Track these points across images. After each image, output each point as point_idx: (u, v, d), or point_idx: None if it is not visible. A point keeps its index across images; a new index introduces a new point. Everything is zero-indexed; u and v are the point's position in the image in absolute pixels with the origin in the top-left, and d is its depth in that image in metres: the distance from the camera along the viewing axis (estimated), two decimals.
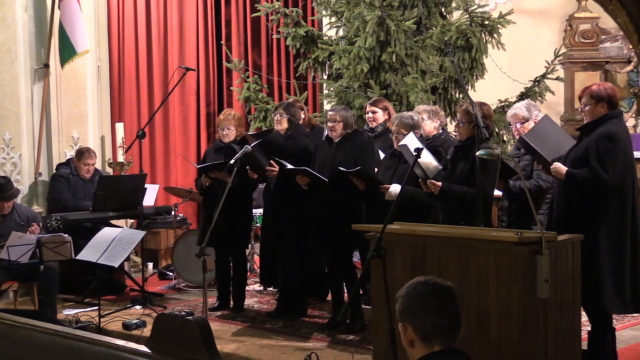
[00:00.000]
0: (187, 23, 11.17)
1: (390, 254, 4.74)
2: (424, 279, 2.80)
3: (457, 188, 5.72)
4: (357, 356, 5.49)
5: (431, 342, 2.69)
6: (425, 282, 2.78)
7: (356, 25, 8.80)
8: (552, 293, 4.45)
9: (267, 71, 11.21)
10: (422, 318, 2.71)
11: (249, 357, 5.75)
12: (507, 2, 11.86)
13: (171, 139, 11.11)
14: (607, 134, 5.33)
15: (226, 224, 6.98)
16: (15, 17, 8.85)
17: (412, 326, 2.73)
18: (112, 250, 7.01)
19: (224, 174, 6.91)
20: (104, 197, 8.22)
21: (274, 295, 7.87)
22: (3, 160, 8.81)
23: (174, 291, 8.61)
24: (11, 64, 8.82)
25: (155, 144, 10.97)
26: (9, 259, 6.93)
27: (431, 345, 2.69)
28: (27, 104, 9.00)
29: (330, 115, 6.75)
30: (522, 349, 4.44)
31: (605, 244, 5.32)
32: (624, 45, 12.33)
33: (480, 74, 9.05)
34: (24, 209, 7.81)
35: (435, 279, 2.81)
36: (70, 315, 7.34)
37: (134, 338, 6.34)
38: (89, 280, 8.01)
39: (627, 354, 5.83)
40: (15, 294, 7.72)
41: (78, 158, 8.68)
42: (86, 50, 9.21)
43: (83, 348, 3.26)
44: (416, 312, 2.73)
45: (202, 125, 11.35)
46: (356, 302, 6.62)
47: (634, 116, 11.89)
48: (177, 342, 2.95)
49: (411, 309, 2.74)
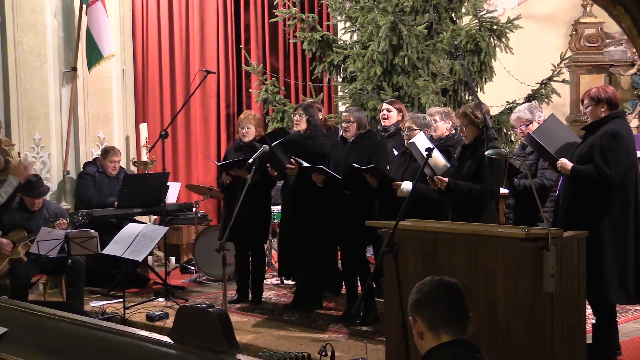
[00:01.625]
0: (208, 28, 11.18)
1: (402, 249, 4.75)
2: (434, 277, 2.85)
3: (462, 184, 5.71)
4: (371, 347, 5.48)
5: (439, 333, 2.70)
6: (432, 278, 2.83)
7: (370, 30, 8.79)
8: (557, 287, 4.43)
9: (284, 74, 11.20)
10: (429, 308, 2.75)
11: (266, 348, 5.74)
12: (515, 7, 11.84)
13: (192, 139, 11.11)
14: (611, 133, 5.37)
15: (245, 220, 6.99)
16: (45, 22, 8.88)
17: (420, 317, 2.75)
18: (136, 245, 7.02)
19: (244, 171, 6.93)
20: (128, 194, 8.25)
21: (291, 289, 7.87)
22: (33, 158, 8.85)
23: (195, 284, 8.62)
24: (41, 67, 8.86)
25: (178, 144, 10.98)
26: (39, 253, 6.97)
27: (439, 335, 2.70)
28: (55, 105, 9.04)
29: (345, 116, 6.75)
30: (529, 341, 4.43)
31: (609, 238, 5.33)
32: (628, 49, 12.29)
33: (489, 76, 9.02)
34: (53, 206, 7.84)
35: (444, 277, 2.85)
36: (97, 307, 7.36)
37: (157, 329, 6.35)
38: (114, 273, 8.03)
39: (630, 346, 5.79)
40: (44, 287, 7.78)
41: (104, 156, 8.72)
42: (112, 55, 9.24)
43: (108, 338, 3.27)
44: (424, 303, 2.77)
45: (222, 126, 11.35)
46: (369, 295, 6.61)
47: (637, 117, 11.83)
48: (198, 333, 2.95)
49: (420, 301, 2.78)
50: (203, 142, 11.15)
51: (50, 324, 3.59)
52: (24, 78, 8.71)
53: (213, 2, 11.18)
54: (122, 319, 6.88)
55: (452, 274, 4.46)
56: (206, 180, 10.67)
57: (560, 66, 9.21)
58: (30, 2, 8.76)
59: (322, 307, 7.15)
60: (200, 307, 3.00)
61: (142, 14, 10.60)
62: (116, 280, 7.87)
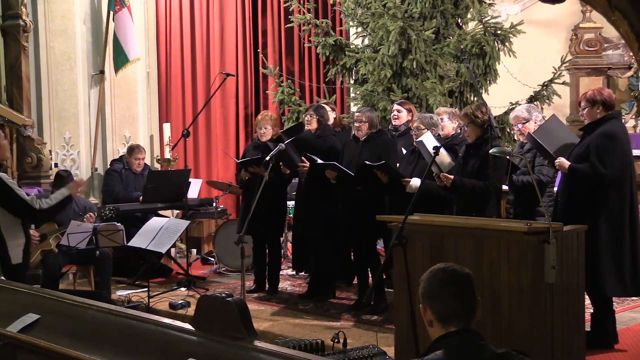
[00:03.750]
0: (227, 33, 11.18)
1: (410, 242, 4.74)
2: (445, 265, 2.79)
3: (467, 181, 5.71)
4: (381, 335, 5.47)
5: (447, 324, 2.69)
6: (444, 269, 2.76)
7: (380, 34, 8.77)
8: (558, 278, 4.42)
9: (299, 76, 11.19)
10: (440, 302, 2.71)
11: (282, 335, 5.74)
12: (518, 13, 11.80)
13: (213, 138, 11.12)
14: (606, 133, 5.38)
15: (263, 215, 6.99)
16: (74, 29, 8.92)
17: (430, 308, 2.72)
18: (160, 238, 7.03)
19: (261, 168, 6.94)
20: (152, 190, 8.27)
21: (305, 279, 7.87)
22: (63, 156, 8.90)
23: (215, 275, 8.63)
24: (71, 70, 8.90)
25: (199, 142, 10.99)
26: (69, 245, 7.00)
27: (447, 326, 2.69)
28: (84, 106, 9.07)
29: (357, 117, 6.75)
30: (531, 329, 4.41)
31: (606, 233, 5.33)
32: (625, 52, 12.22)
33: (493, 79, 8.98)
34: (82, 200, 7.87)
35: (455, 266, 2.78)
36: (123, 296, 7.38)
37: (179, 317, 6.37)
38: (139, 264, 8.05)
39: (626, 334, 5.78)
40: (74, 277, 7.81)
41: (129, 153, 8.74)
42: (137, 58, 9.27)
43: (134, 325, 3.28)
44: (435, 296, 2.73)
45: (241, 126, 11.35)
46: (380, 285, 6.61)
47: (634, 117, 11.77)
48: (218, 321, 2.96)
49: (431, 292, 2.74)
50: (223, 140, 11.16)
51: (79, 311, 3.60)
52: (55, 80, 8.75)
53: (232, 9, 11.18)
54: (146, 307, 6.89)
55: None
56: (225, 177, 10.68)
57: (561, 69, 9.17)
58: (61, 9, 8.80)
59: (335, 297, 7.15)
60: (220, 296, 3.01)
61: (165, 20, 10.62)
62: (141, 270, 7.89)
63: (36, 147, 8.14)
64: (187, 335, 3.04)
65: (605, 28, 12.06)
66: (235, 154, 10.81)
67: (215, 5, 11.04)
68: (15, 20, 8.14)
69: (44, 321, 3.65)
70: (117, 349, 3.18)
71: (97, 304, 3.62)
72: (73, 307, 3.67)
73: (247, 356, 2.78)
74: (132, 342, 3.18)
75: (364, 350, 4.87)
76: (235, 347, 2.85)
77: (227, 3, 11.13)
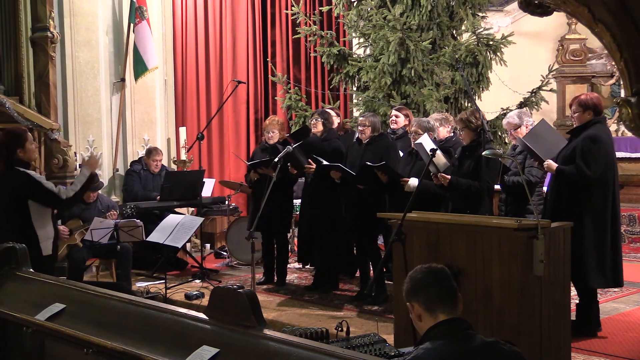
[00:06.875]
0: (239, 43, 11.17)
1: (409, 238, 4.75)
2: (422, 265, 2.85)
3: (463, 181, 5.72)
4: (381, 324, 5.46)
5: (435, 313, 2.69)
6: (421, 267, 2.83)
7: (381, 45, 8.77)
8: (546, 271, 4.40)
9: (305, 84, 11.19)
10: (424, 292, 2.73)
11: (289, 324, 5.74)
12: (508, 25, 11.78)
13: (225, 141, 11.11)
14: (591, 137, 5.36)
15: (271, 212, 6.99)
16: (98, 39, 8.92)
17: (417, 301, 2.74)
18: (176, 234, 7.04)
19: (270, 169, 6.94)
20: (169, 189, 8.27)
21: (311, 272, 7.87)
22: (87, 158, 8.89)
23: (227, 268, 8.64)
24: (94, 78, 8.90)
25: (212, 145, 10.98)
26: (92, 239, 7.01)
27: (436, 315, 2.69)
28: (107, 111, 9.08)
29: (361, 121, 6.76)
30: (521, 319, 4.40)
31: (590, 229, 5.34)
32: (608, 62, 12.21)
33: (486, 86, 8.98)
34: (105, 199, 7.89)
35: (431, 264, 2.85)
36: (142, 287, 7.40)
37: (194, 307, 6.37)
38: (157, 258, 8.06)
39: (609, 323, 5.77)
40: (97, 269, 7.82)
41: (148, 155, 8.75)
42: (155, 67, 9.27)
43: (152, 314, 3.28)
44: (417, 288, 2.76)
45: (251, 129, 11.34)
46: (380, 278, 6.61)
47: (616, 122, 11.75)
48: (230, 311, 2.95)
49: (414, 286, 2.78)
50: (234, 143, 11.16)
51: (102, 301, 3.61)
52: (80, 88, 8.75)
53: (244, 21, 11.18)
54: (164, 297, 6.91)
55: (453, 260, 4.49)
56: (237, 177, 10.67)
57: (548, 77, 9.17)
58: (85, 22, 8.80)
59: (339, 289, 7.14)
60: (232, 287, 3.01)
61: (181, 32, 10.62)
62: (159, 264, 7.90)
63: (62, 149, 8.14)
64: (202, 323, 3.04)
65: (589, 39, 12.05)
66: (246, 156, 10.80)
67: (227, 17, 11.03)
68: (43, 33, 8.15)
69: (69, 310, 3.65)
70: (136, 335, 3.18)
71: (118, 294, 3.62)
72: (96, 297, 3.68)
73: (257, 343, 2.78)
74: (150, 330, 3.18)
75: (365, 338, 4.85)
76: (246, 334, 2.85)
77: (238, 15, 11.13)
